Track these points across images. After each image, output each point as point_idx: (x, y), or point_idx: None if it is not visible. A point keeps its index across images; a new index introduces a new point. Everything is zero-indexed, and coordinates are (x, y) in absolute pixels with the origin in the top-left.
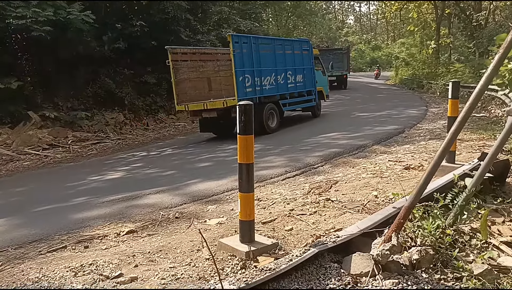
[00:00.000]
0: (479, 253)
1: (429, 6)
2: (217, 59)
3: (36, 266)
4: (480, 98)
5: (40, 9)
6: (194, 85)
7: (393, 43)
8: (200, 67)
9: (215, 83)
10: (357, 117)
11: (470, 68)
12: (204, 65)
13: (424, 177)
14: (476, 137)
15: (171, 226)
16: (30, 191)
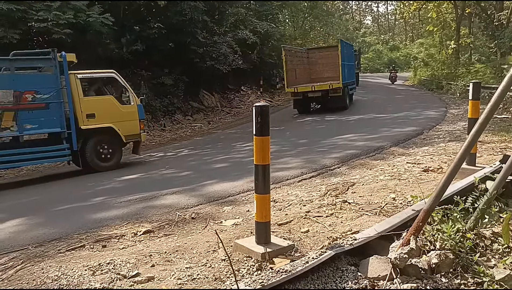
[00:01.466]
0: (501, 258)
1: (449, 5)
2: (320, 55)
3: (56, 264)
4: (502, 99)
5: (61, 12)
6: (300, 73)
7: (411, 43)
8: (306, 60)
9: (318, 72)
10: (374, 118)
11: (491, 69)
12: (309, 58)
13: (443, 180)
14: (497, 139)
15: (187, 227)
16: (49, 191)
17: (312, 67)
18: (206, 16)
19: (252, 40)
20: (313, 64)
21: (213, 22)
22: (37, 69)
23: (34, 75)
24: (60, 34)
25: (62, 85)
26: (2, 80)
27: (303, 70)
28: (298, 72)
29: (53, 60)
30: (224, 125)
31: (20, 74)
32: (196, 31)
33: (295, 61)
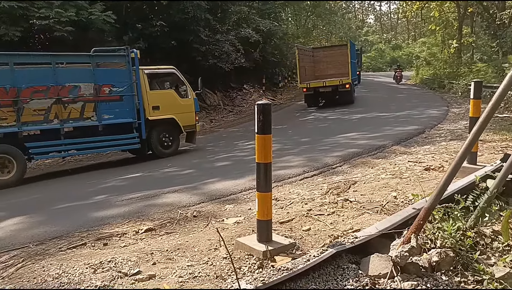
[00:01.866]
0: (500, 256)
1: (451, 4)
2: (325, 53)
3: (57, 262)
4: (503, 98)
5: (62, 9)
6: (312, 69)
7: (413, 42)
8: (311, 58)
9: (322, 69)
10: (376, 117)
11: (493, 68)
12: (314, 57)
13: (444, 178)
14: (498, 138)
15: (189, 225)
16: (51, 189)
17: (316, 65)
18: (208, 14)
19: (254, 38)
20: (318, 62)
21: (216, 20)
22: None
23: (111, 70)
24: (62, 31)
25: (133, 79)
26: (84, 74)
27: (310, 68)
28: (307, 69)
29: (126, 56)
30: (227, 123)
31: (99, 69)
32: (198, 29)
33: (305, 60)
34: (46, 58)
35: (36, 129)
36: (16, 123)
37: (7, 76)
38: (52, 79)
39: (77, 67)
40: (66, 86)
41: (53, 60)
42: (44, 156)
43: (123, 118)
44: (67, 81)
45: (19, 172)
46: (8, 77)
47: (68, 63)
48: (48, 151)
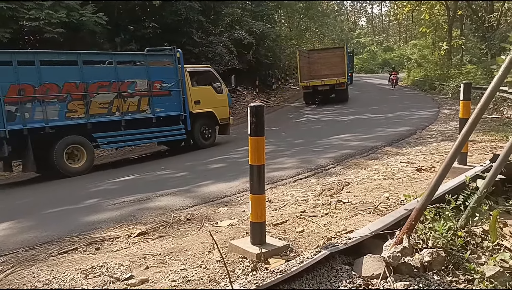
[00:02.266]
0: (491, 255)
1: (441, 7)
2: (319, 55)
3: (47, 268)
4: (491, 99)
5: (53, 11)
6: (311, 69)
7: (405, 44)
8: (307, 60)
9: (326, 68)
10: (368, 118)
11: (482, 70)
12: (309, 58)
13: (435, 179)
14: (488, 139)
15: (182, 228)
16: (41, 193)
17: (311, 66)
18: (201, 16)
19: (248, 40)
20: (312, 63)
21: (209, 22)
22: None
23: (161, 68)
24: (53, 33)
25: (179, 76)
26: (140, 71)
27: (306, 68)
28: (309, 69)
29: (173, 56)
30: None
31: (151, 66)
32: (191, 31)
33: (303, 61)
34: (108, 56)
35: (102, 120)
36: (85, 115)
37: (76, 72)
38: (114, 76)
39: (131, 64)
40: (125, 82)
41: (114, 59)
42: (108, 146)
43: (172, 111)
44: (125, 77)
45: (88, 161)
46: (78, 74)
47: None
48: (111, 141)
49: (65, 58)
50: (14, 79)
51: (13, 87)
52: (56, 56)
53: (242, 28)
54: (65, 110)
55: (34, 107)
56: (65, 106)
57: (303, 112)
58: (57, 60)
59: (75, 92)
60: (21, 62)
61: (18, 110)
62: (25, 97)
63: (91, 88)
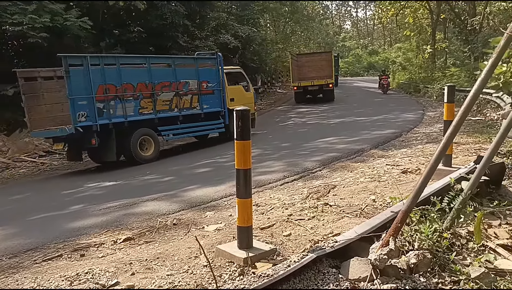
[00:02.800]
0: (476, 256)
1: (425, 11)
2: (307, 58)
3: (31, 275)
4: (475, 101)
5: (36, 15)
6: (302, 71)
7: (389, 48)
8: (300, 63)
9: (315, 70)
10: (354, 121)
11: (465, 72)
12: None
13: (420, 181)
14: (472, 141)
15: (169, 233)
16: (26, 199)
17: (299, 68)
18: (187, 20)
19: (233, 44)
20: (300, 66)
21: (194, 26)
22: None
23: (207, 69)
24: (36, 38)
25: (220, 77)
26: (191, 72)
27: (296, 71)
28: (301, 70)
29: (216, 59)
30: None
31: (200, 68)
32: (177, 35)
33: (294, 64)
34: (169, 60)
35: (165, 116)
36: (153, 111)
37: (146, 74)
38: (173, 77)
39: (185, 67)
40: (181, 82)
41: (173, 62)
42: (169, 138)
43: (215, 108)
44: (181, 78)
45: (156, 150)
46: (147, 75)
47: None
48: (172, 133)
49: (138, 62)
50: (101, 80)
51: (101, 87)
52: (131, 60)
53: (227, 32)
54: (138, 106)
55: (116, 104)
56: (138, 103)
57: (289, 115)
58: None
59: (145, 91)
60: (106, 65)
61: (105, 107)
62: (110, 96)
63: (157, 88)
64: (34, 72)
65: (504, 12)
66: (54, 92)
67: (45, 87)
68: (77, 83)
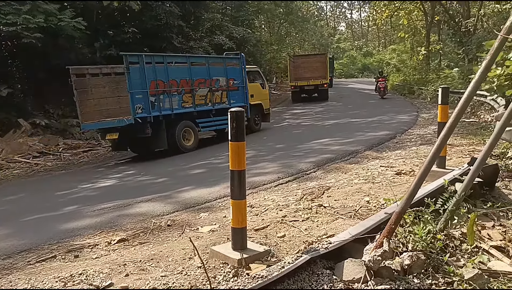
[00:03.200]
0: (469, 258)
1: (419, 13)
2: (303, 60)
3: (25, 276)
4: (468, 103)
5: (31, 15)
6: (298, 72)
7: (384, 49)
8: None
9: (311, 71)
10: (349, 122)
11: (459, 74)
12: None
13: (414, 183)
14: (466, 142)
15: (163, 234)
16: (19, 200)
17: (295, 69)
18: (181, 21)
19: (228, 45)
20: (296, 67)
21: (189, 27)
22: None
23: (233, 68)
24: (30, 38)
25: (243, 75)
26: (221, 71)
27: (293, 71)
28: (299, 71)
29: (240, 59)
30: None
31: (228, 67)
32: (171, 36)
33: (292, 65)
34: (204, 59)
35: (201, 109)
36: (192, 105)
37: (186, 71)
38: (207, 74)
39: (216, 65)
40: (214, 79)
41: (207, 61)
42: (205, 129)
43: (240, 103)
44: (214, 76)
45: (195, 141)
46: (187, 72)
47: None
48: (207, 126)
49: (180, 60)
50: (153, 77)
51: (153, 82)
52: (176, 58)
53: (222, 33)
54: (181, 100)
55: (164, 98)
56: (181, 98)
57: (284, 116)
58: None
59: (186, 87)
60: (157, 63)
61: (156, 100)
62: (160, 90)
63: (195, 84)
64: (83, 69)
65: (498, 14)
66: (100, 88)
67: (93, 83)
68: (135, 79)
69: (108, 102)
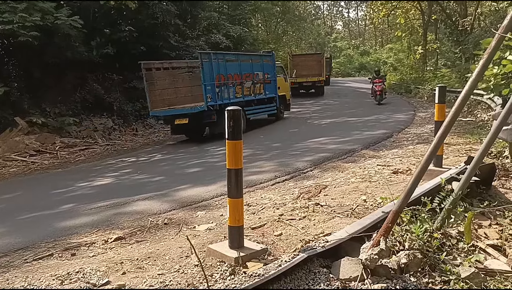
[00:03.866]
0: (466, 256)
1: (416, 12)
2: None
3: (22, 274)
4: (465, 102)
5: (27, 14)
6: (298, 69)
7: (381, 48)
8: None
9: (307, 69)
10: (345, 121)
11: (456, 73)
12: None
13: (411, 181)
14: (463, 141)
15: (160, 233)
16: (16, 198)
17: (294, 67)
18: (178, 20)
19: (225, 44)
20: (295, 65)
21: (186, 25)
22: None
23: (267, 64)
24: (27, 36)
25: (274, 70)
26: (259, 66)
27: (301, 67)
28: (299, 68)
29: (272, 56)
30: None
31: (264, 63)
32: (168, 34)
33: (291, 63)
34: (249, 56)
35: (247, 99)
36: (241, 95)
37: (237, 67)
38: (251, 69)
39: (256, 62)
40: (255, 73)
41: (251, 58)
42: (250, 116)
43: (272, 94)
44: (255, 71)
45: (244, 126)
46: (237, 67)
47: None
48: (251, 113)
49: (233, 57)
50: (217, 71)
51: (217, 76)
52: (231, 56)
53: (219, 32)
54: (234, 91)
55: (224, 89)
56: (234, 89)
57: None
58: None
59: (238, 80)
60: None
61: (219, 91)
62: (222, 83)
63: (243, 78)
64: (150, 64)
65: (495, 13)
66: (161, 80)
67: (157, 76)
68: (206, 73)
69: (176, 92)
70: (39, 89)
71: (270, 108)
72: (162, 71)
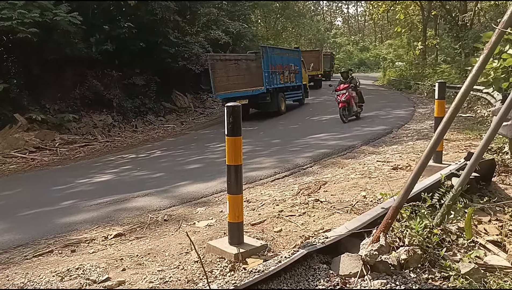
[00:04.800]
0: (466, 252)
1: (416, 7)
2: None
3: (22, 271)
4: (465, 98)
5: (26, 10)
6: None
7: (380, 44)
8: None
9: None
10: None
11: (456, 69)
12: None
13: (411, 177)
14: (462, 137)
15: (160, 229)
16: (16, 195)
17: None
18: (177, 16)
19: (224, 40)
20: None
21: (185, 22)
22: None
23: (296, 58)
24: (26, 33)
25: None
26: (291, 59)
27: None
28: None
29: (299, 51)
30: (198, 125)
31: (291, 56)
32: (167, 30)
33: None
34: (286, 50)
35: (285, 86)
36: (283, 82)
37: (279, 59)
38: (287, 61)
39: (291, 56)
40: (290, 64)
41: (287, 52)
42: (288, 100)
43: (300, 82)
44: (290, 62)
45: (285, 107)
46: (280, 60)
47: None
48: (288, 97)
49: (278, 51)
50: (270, 61)
51: (271, 66)
52: (276, 50)
53: (218, 28)
54: (279, 79)
55: (274, 76)
56: (279, 77)
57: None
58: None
59: (280, 70)
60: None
61: (272, 77)
62: (272, 71)
63: (285, 68)
64: (215, 56)
65: (495, 9)
66: (219, 69)
67: (217, 67)
68: (265, 63)
69: (235, 78)
70: (38, 85)
71: (298, 94)
72: (224, 61)
